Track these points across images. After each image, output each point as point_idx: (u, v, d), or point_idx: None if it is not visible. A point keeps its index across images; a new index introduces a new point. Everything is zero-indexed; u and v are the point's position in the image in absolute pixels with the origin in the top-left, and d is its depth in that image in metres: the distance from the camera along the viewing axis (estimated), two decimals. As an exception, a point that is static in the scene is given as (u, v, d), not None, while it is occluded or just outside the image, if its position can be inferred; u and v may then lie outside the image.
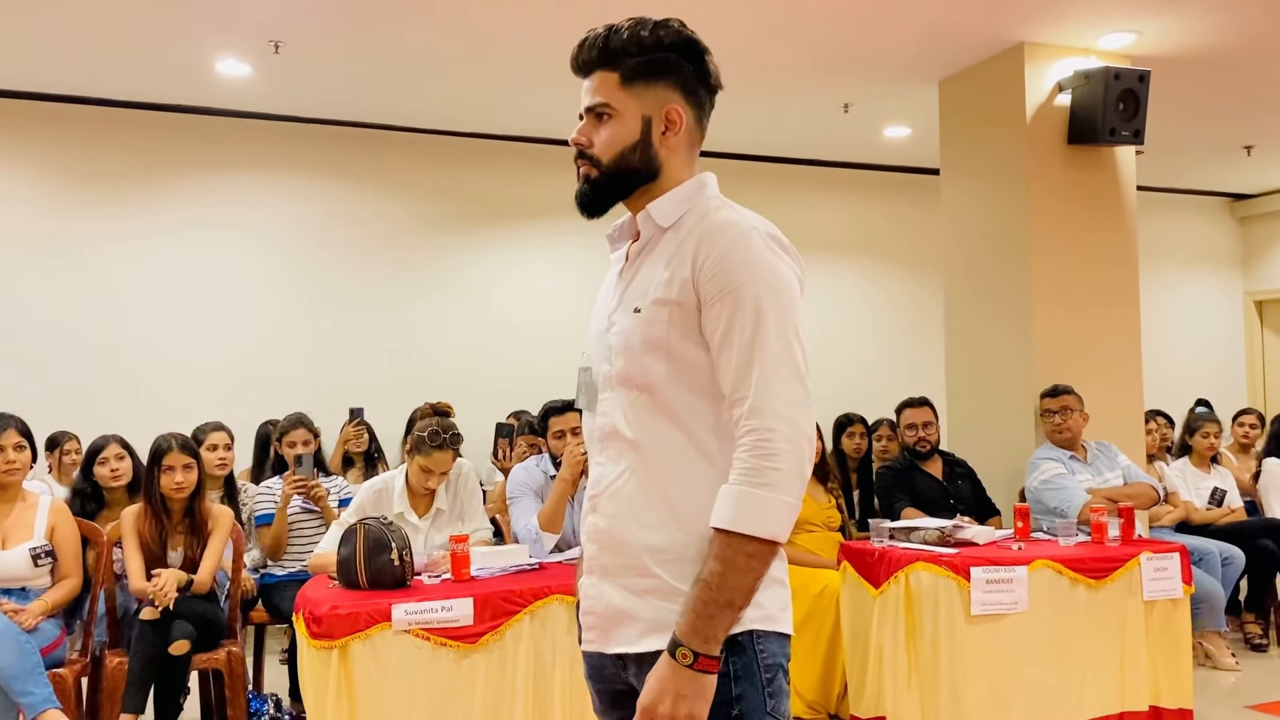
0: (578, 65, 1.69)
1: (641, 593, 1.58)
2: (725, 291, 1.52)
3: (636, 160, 1.66)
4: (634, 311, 1.62)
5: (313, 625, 3.02)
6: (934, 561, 3.73)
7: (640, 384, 1.60)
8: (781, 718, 1.57)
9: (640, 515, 1.59)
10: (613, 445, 1.63)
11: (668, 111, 1.65)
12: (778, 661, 1.57)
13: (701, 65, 1.68)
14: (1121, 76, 5.22)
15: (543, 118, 6.77)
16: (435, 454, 3.75)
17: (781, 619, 1.59)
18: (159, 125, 6.47)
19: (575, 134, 1.69)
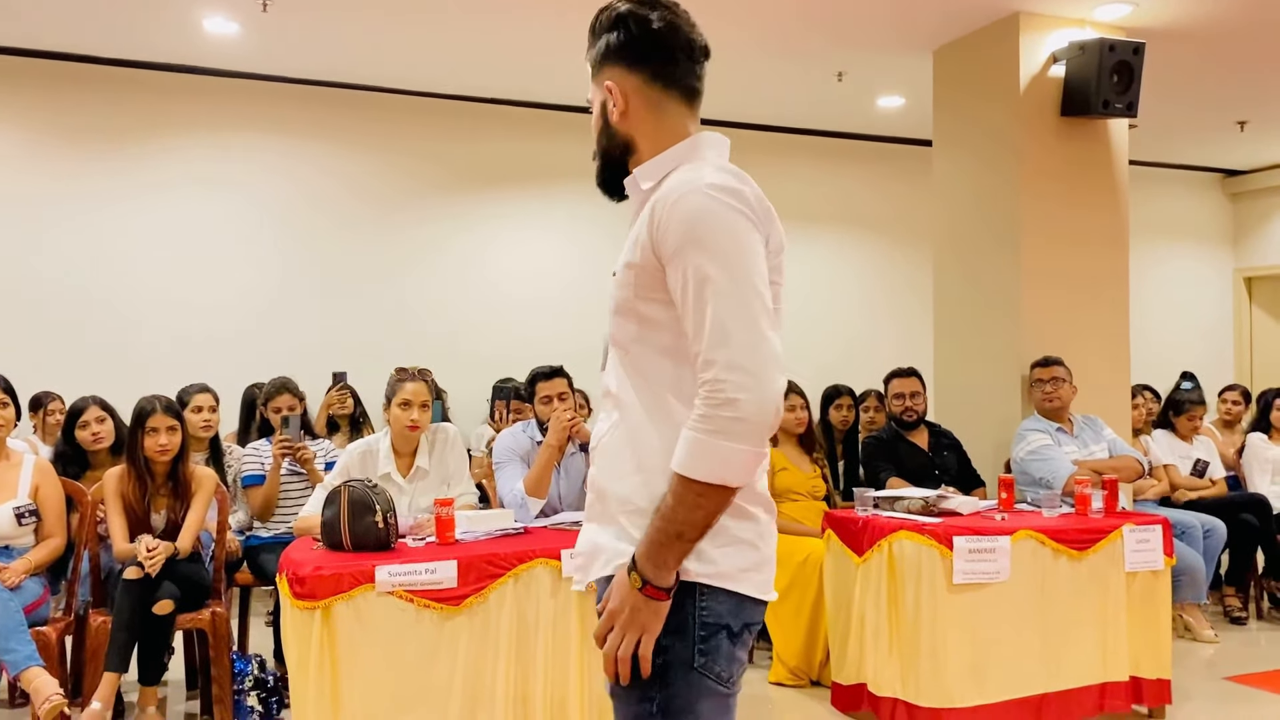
0: None
1: (616, 536, 1.64)
2: (679, 250, 1.53)
3: (606, 142, 1.76)
4: (613, 275, 1.69)
5: (296, 586, 3.02)
6: (917, 530, 3.75)
7: (620, 343, 1.67)
8: (714, 676, 1.57)
9: (615, 467, 1.66)
10: (606, 401, 1.72)
11: (608, 89, 1.72)
12: (721, 621, 1.57)
13: (630, 32, 1.69)
14: (1116, 48, 5.19)
15: (535, 82, 6.72)
16: (408, 385, 3.79)
17: (741, 579, 1.58)
18: (145, 83, 6.40)
19: None
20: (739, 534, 1.59)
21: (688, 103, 1.72)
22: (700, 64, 1.72)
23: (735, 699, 1.63)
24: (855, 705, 3.97)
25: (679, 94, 1.71)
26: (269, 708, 3.99)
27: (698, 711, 1.56)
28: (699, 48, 1.71)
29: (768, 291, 1.53)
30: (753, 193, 1.58)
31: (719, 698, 1.58)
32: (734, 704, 1.63)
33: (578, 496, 4.16)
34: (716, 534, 1.55)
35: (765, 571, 1.63)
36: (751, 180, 1.61)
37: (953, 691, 3.67)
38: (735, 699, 1.63)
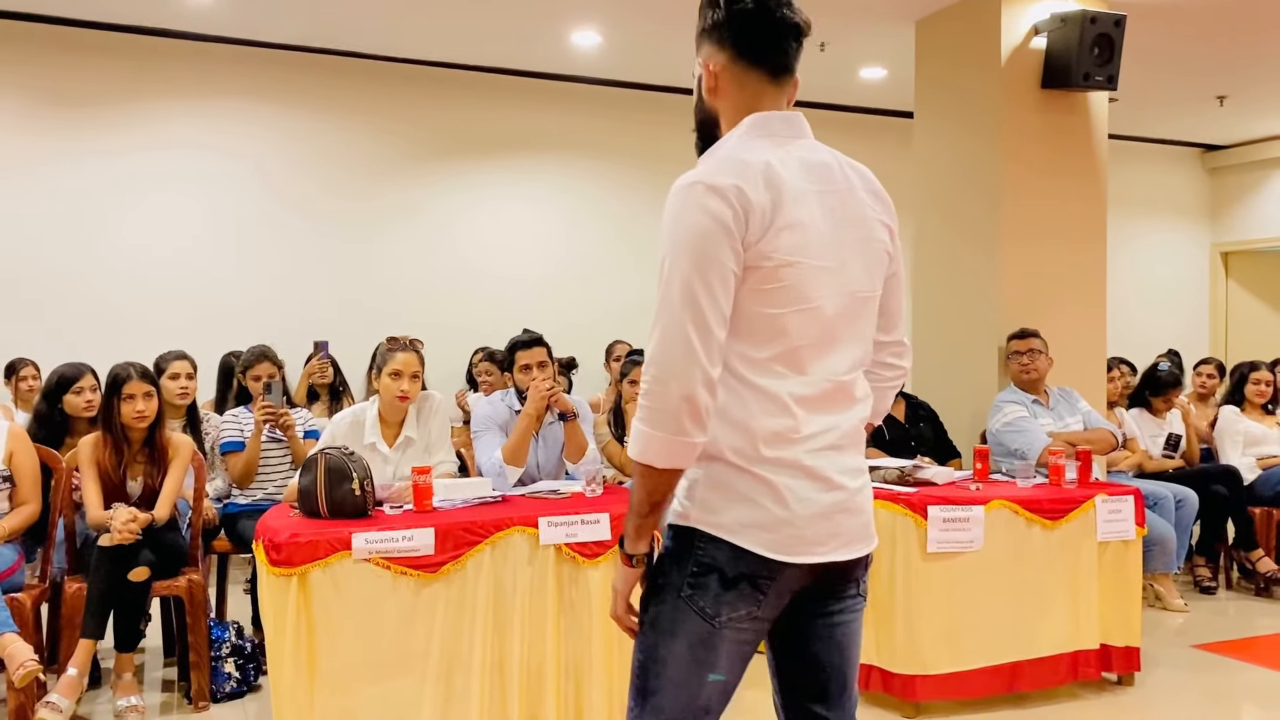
0: None
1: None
2: (662, 243, 1.68)
3: (700, 116, 1.85)
4: None
5: (272, 553, 3.02)
6: (892, 500, 3.78)
7: None
8: (698, 609, 1.72)
9: None
10: None
11: (703, 65, 1.81)
12: (717, 565, 1.71)
13: (718, 9, 1.77)
14: (1097, 20, 5.19)
15: (519, 50, 6.66)
16: (400, 355, 3.77)
17: (741, 533, 1.70)
18: (126, 47, 6.31)
19: None
20: (746, 493, 1.70)
21: (774, 80, 1.79)
22: (790, 41, 1.78)
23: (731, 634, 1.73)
24: (830, 672, 4.00)
25: (765, 72, 1.78)
26: (246, 674, 4.00)
27: (678, 630, 1.73)
28: (789, 26, 1.77)
29: (720, 289, 1.63)
30: (739, 186, 1.64)
31: (702, 629, 1.72)
32: (726, 638, 1.73)
33: (556, 465, 4.17)
34: (721, 488, 1.71)
35: (777, 532, 1.71)
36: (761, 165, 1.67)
37: (927, 659, 3.71)
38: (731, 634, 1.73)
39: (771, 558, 1.70)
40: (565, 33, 6.31)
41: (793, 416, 1.70)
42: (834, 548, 1.74)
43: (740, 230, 1.63)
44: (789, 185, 1.68)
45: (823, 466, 1.72)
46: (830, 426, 1.74)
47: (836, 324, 1.74)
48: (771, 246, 1.65)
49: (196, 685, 3.83)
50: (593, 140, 7.50)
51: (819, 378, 1.73)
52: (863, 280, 1.78)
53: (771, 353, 1.70)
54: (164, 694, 4.09)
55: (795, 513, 1.70)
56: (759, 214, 1.64)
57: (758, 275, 1.66)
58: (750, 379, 1.70)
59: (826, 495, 1.73)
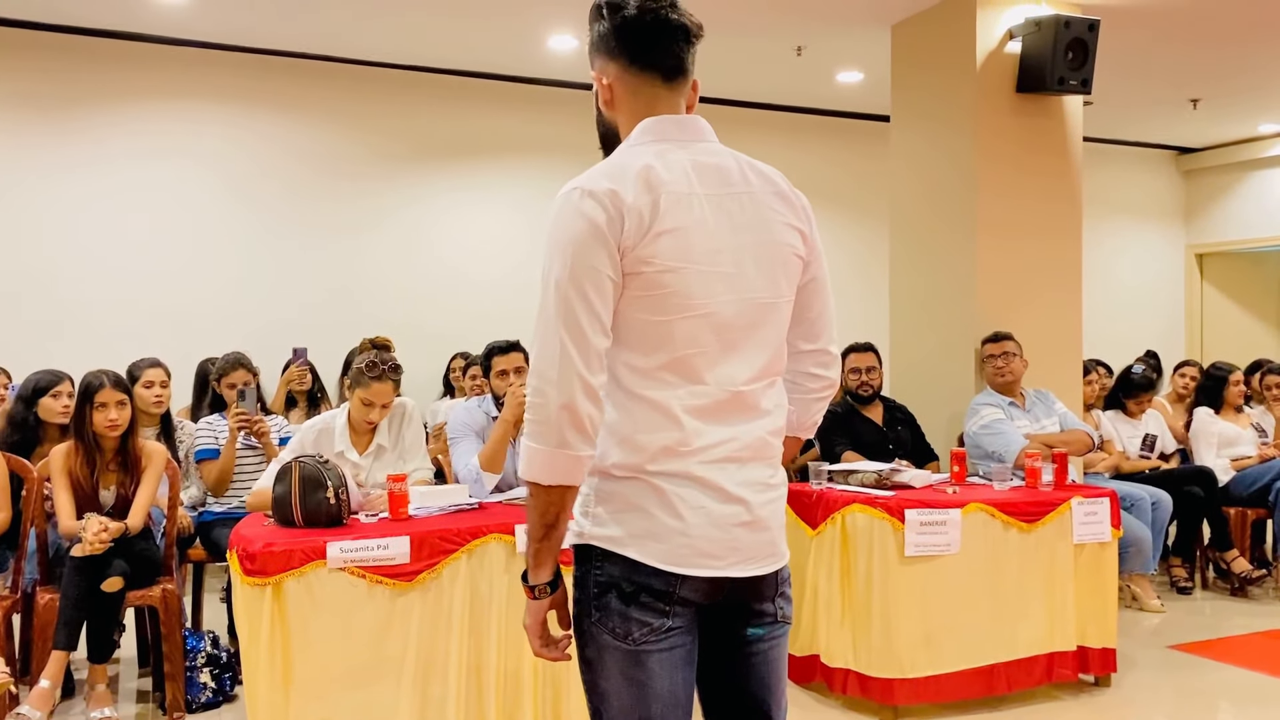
0: None
1: None
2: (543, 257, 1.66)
3: (602, 130, 1.84)
4: None
5: (246, 562, 3.00)
6: (870, 504, 3.78)
7: None
8: (610, 631, 1.66)
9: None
10: None
11: (597, 79, 1.79)
12: (614, 581, 1.66)
13: (604, 23, 1.74)
14: (1071, 25, 5.22)
15: (492, 54, 6.65)
16: (374, 385, 3.72)
17: (631, 544, 1.65)
18: (90, 50, 6.25)
19: None
20: (637, 501, 1.65)
21: (669, 83, 1.74)
22: (681, 44, 1.74)
23: (656, 654, 1.65)
24: (808, 676, 4.01)
25: (658, 77, 1.74)
26: (222, 684, 3.97)
27: (604, 660, 1.68)
28: (677, 28, 1.72)
29: (595, 295, 1.59)
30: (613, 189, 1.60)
31: (621, 651, 1.66)
32: (652, 659, 1.65)
33: (533, 471, 4.14)
34: (610, 500, 1.66)
35: (670, 541, 1.64)
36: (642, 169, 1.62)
37: (904, 662, 3.72)
38: (656, 654, 1.65)
39: (664, 569, 1.64)
40: (542, 37, 6.30)
41: (681, 428, 1.64)
42: (732, 563, 1.67)
43: (615, 235, 1.58)
44: (670, 188, 1.63)
45: (717, 478, 1.66)
46: (729, 438, 1.67)
47: (734, 331, 1.68)
48: (650, 251, 1.60)
49: (171, 696, 3.80)
50: (568, 143, 7.48)
51: (715, 387, 1.66)
52: (764, 286, 1.71)
53: (658, 361, 1.64)
54: (139, 705, 4.06)
55: (688, 522, 1.64)
56: (635, 217, 1.59)
57: (639, 281, 1.61)
58: (636, 390, 1.64)
59: (722, 507, 1.66)
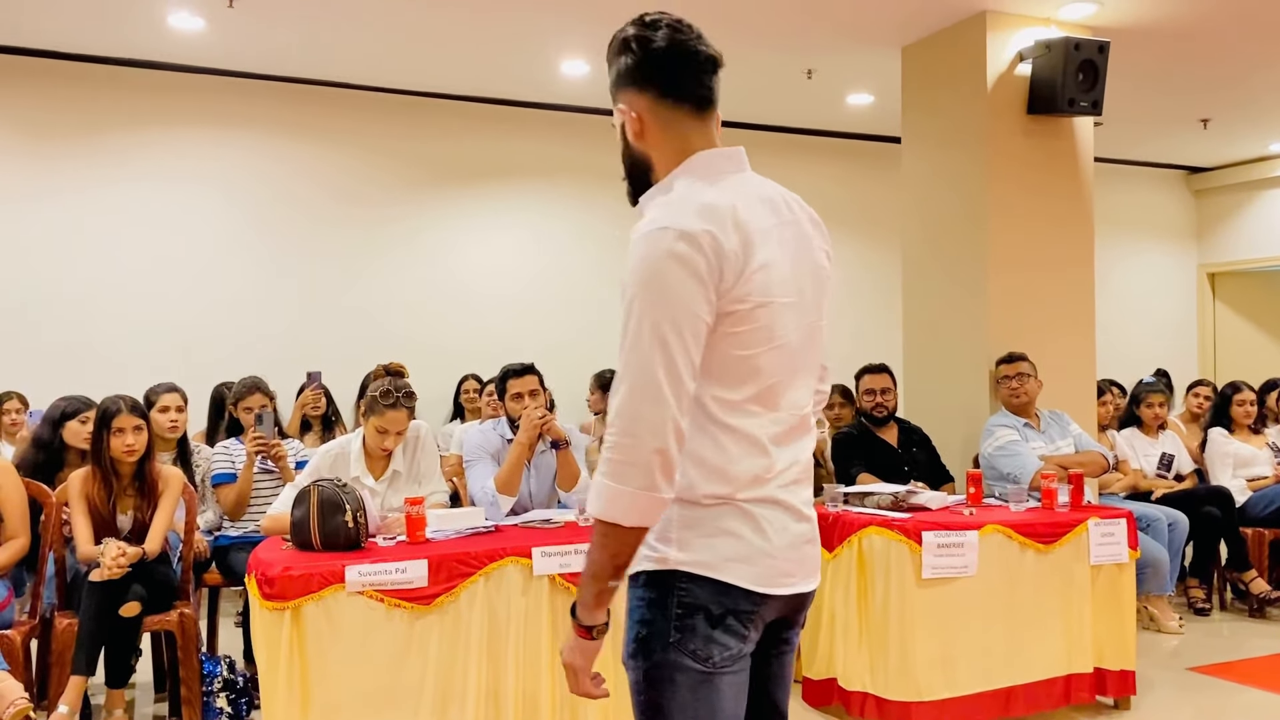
0: None
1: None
2: (626, 291, 1.63)
3: (630, 163, 1.81)
4: None
5: (265, 587, 3.01)
6: (886, 526, 3.78)
7: None
8: (690, 655, 1.67)
9: None
10: None
11: (624, 113, 1.78)
12: (701, 604, 1.67)
13: (634, 54, 1.75)
14: (1081, 47, 5.25)
15: (502, 79, 6.70)
16: (389, 413, 3.73)
17: (724, 568, 1.68)
18: (108, 79, 6.32)
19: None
20: (727, 526, 1.68)
21: (699, 114, 1.76)
22: (709, 74, 1.77)
23: (728, 677, 1.70)
24: (826, 699, 4.00)
25: (690, 107, 1.76)
26: (238, 709, 3.97)
27: (675, 682, 1.68)
28: (705, 59, 1.75)
29: (691, 340, 1.59)
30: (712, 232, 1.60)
31: (697, 674, 1.67)
32: (724, 682, 1.69)
33: (548, 494, 4.16)
34: (697, 526, 1.68)
35: (759, 564, 1.70)
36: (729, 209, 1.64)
37: (921, 685, 3.70)
38: (728, 677, 1.70)
39: (755, 590, 1.69)
40: (555, 62, 6.35)
41: (768, 456, 1.70)
42: (801, 578, 1.76)
43: (714, 279, 1.61)
44: (754, 225, 1.66)
45: (791, 499, 1.74)
46: (795, 459, 1.76)
47: (799, 357, 1.75)
48: (745, 290, 1.64)
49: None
50: (579, 167, 7.53)
51: (787, 413, 1.74)
52: (816, 310, 1.80)
53: (746, 394, 1.68)
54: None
55: (773, 543, 1.71)
56: (733, 260, 1.62)
57: (732, 319, 1.64)
58: (726, 421, 1.67)
59: (797, 526, 1.75)
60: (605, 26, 5.64)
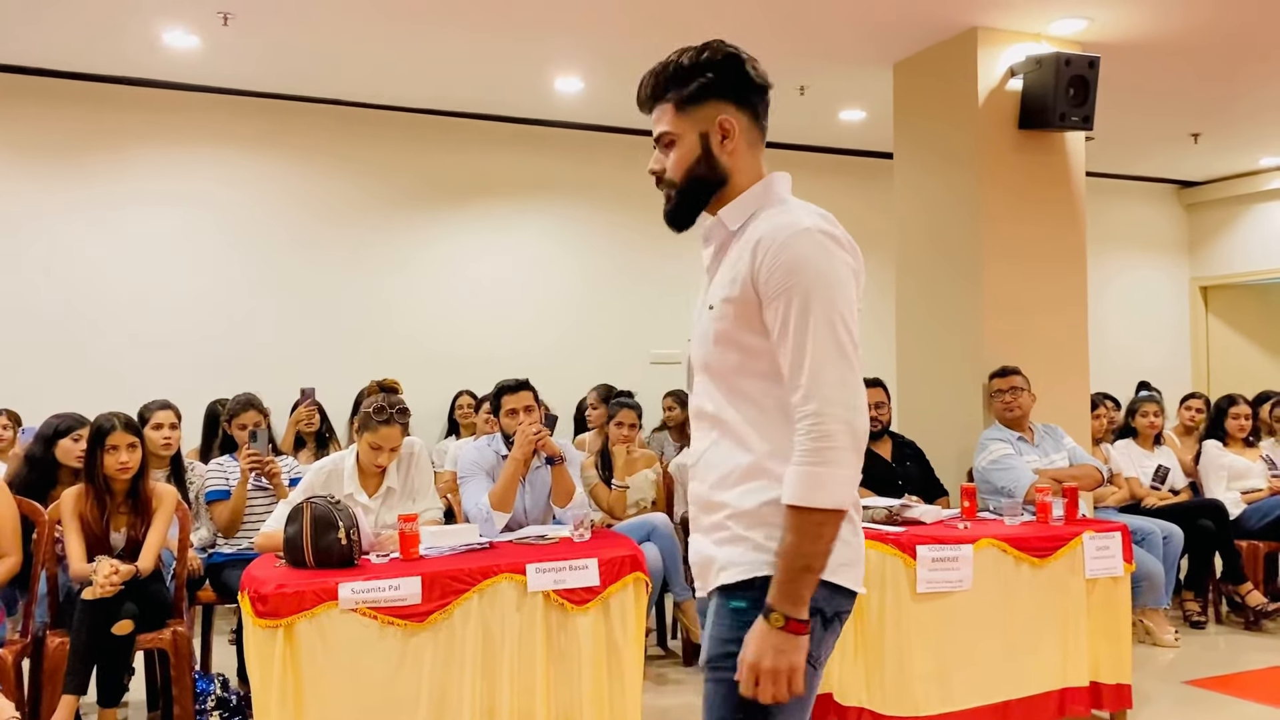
0: (640, 104, 1.92)
1: (721, 542, 1.81)
2: (781, 289, 1.71)
3: (704, 171, 1.86)
4: (709, 309, 1.84)
5: (258, 604, 3.00)
6: (881, 540, 3.77)
7: (717, 370, 1.83)
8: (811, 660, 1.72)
9: (722, 479, 1.82)
10: (702, 422, 1.88)
11: (721, 122, 1.84)
12: (818, 606, 1.72)
13: (744, 73, 1.85)
14: (1072, 62, 5.28)
15: (495, 95, 6.72)
16: (383, 430, 3.73)
17: (838, 571, 1.75)
18: (104, 96, 6.34)
19: (651, 164, 1.91)
20: (841, 533, 1.74)
21: (763, 146, 1.92)
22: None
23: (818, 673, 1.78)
24: (822, 715, 3.98)
25: (761, 137, 1.90)
26: (232, 727, 3.95)
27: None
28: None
29: (856, 327, 1.74)
30: (844, 235, 1.79)
31: (809, 673, 1.73)
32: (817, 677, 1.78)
33: (543, 510, 4.16)
34: None
35: (859, 567, 1.80)
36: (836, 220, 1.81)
37: (918, 700, 3.69)
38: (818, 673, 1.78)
39: (857, 590, 1.80)
40: (549, 80, 6.38)
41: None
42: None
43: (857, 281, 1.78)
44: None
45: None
46: None
47: None
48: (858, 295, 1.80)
49: (181, 740, 3.78)
50: (572, 183, 7.56)
51: None
52: None
53: None
54: (148, 749, 4.03)
55: (860, 545, 1.82)
56: (859, 266, 1.80)
57: None
58: None
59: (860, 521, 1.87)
60: (599, 44, 5.67)
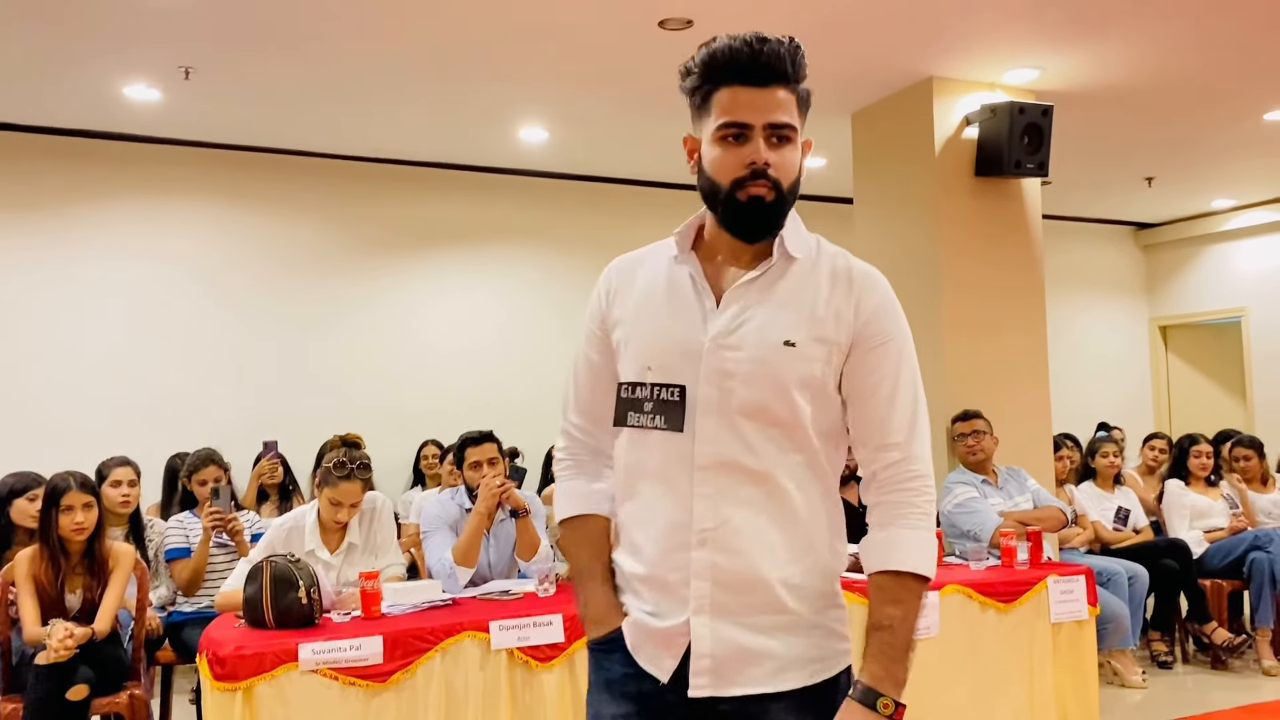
0: (759, 72, 1.57)
1: (772, 630, 1.59)
2: (884, 340, 1.60)
3: (798, 187, 1.65)
4: (785, 344, 1.58)
5: (216, 667, 2.95)
6: (848, 588, 3.75)
7: (780, 418, 1.59)
8: None
9: (774, 550, 1.59)
10: (730, 476, 1.59)
11: (807, 142, 1.68)
12: None
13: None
14: (1026, 111, 5.38)
15: (463, 145, 6.75)
16: (343, 485, 3.69)
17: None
18: (63, 150, 6.29)
19: (756, 152, 1.58)
20: None
21: None
22: None
23: None
24: (791, 766, 3.94)
25: None
26: (191, 793, 3.86)
27: None
28: None
29: None
30: None
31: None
32: None
33: (507, 564, 4.12)
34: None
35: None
36: None
37: (887, 749, 3.67)
38: None
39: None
40: (514, 129, 6.42)
41: None
42: None
43: None
44: None
45: None
46: None
47: None
48: None
49: (137, 807, 3.68)
50: (536, 231, 7.58)
51: None
52: None
53: None
54: (103, 817, 3.92)
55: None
56: None
57: None
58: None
59: None
60: (562, 93, 5.72)
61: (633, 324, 1.68)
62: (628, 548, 1.69)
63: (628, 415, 1.65)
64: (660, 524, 1.62)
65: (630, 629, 1.66)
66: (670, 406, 1.60)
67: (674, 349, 1.63)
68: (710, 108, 1.61)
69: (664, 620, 1.61)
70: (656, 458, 1.63)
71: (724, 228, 1.65)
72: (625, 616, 1.67)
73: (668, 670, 1.61)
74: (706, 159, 1.64)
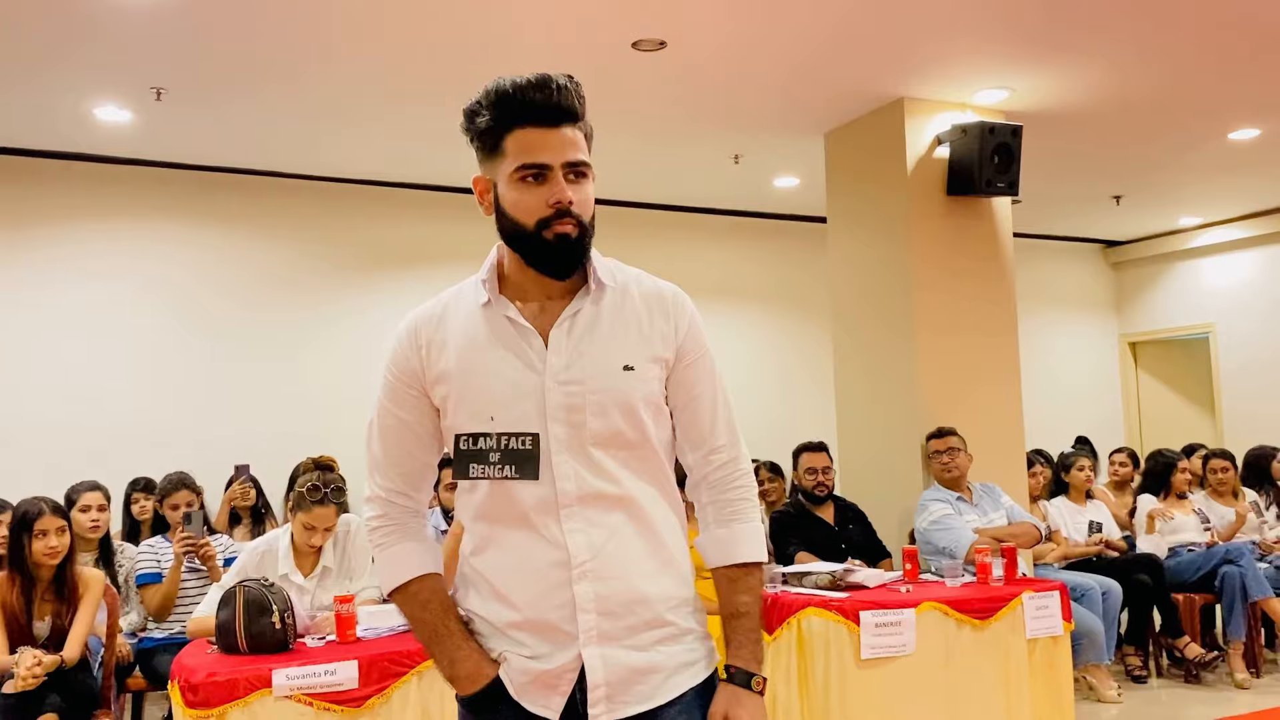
0: (551, 113, 1.61)
1: (654, 645, 1.63)
2: (701, 353, 1.71)
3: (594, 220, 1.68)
4: (625, 369, 1.64)
5: (188, 694, 2.91)
6: (824, 606, 3.78)
7: (630, 441, 1.65)
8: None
9: (643, 568, 1.64)
10: (594, 507, 1.62)
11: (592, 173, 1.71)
12: None
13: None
14: (996, 131, 5.44)
15: (428, 166, 6.75)
16: (316, 509, 3.66)
17: None
18: (33, 171, 6.24)
19: (560, 191, 1.61)
20: None
21: None
22: None
23: None
24: (770, 786, 3.94)
25: None
26: (162, 822, 3.80)
27: None
28: None
29: None
30: None
31: None
32: None
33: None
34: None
35: None
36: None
37: (865, 768, 3.67)
38: None
39: None
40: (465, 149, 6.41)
41: None
42: None
43: None
44: None
45: None
46: None
47: None
48: None
49: (108, 838, 3.62)
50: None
51: None
52: None
53: None
54: None
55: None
56: None
57: None
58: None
59: None
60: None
61: (462, 376, 1.68)
62: (491, 597, 1.67)
63: (469, 468, 1.65)
64: (533, 567, 1.62)
65: (513, 675, 1.64)
66: (522, 455, 1.62)
67: (514, 394, 1.63)
68: (503, 149, 1.65)
69: (548, 661, 1.62)
70: (516, 505, 1.63)
71: (533, 266, 1.67)
72: (498, 666, 1.66)
73: (557, 709, 1.62)
74: (507, 200, 1.66)
